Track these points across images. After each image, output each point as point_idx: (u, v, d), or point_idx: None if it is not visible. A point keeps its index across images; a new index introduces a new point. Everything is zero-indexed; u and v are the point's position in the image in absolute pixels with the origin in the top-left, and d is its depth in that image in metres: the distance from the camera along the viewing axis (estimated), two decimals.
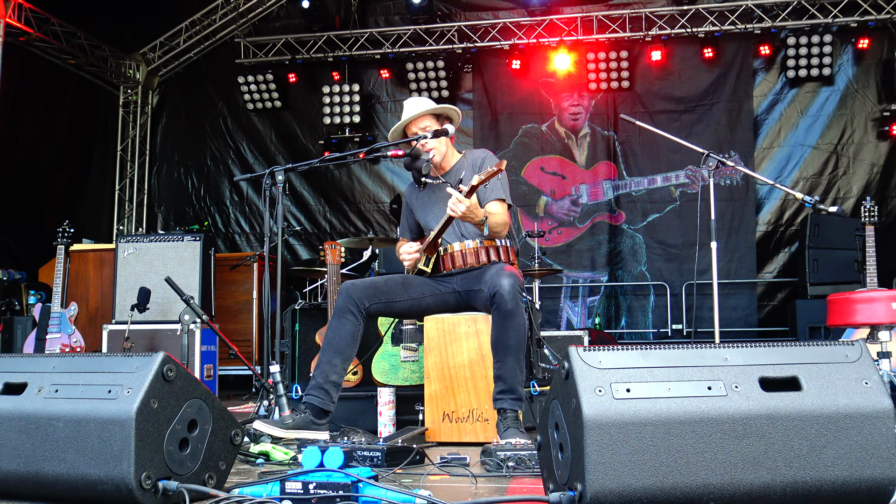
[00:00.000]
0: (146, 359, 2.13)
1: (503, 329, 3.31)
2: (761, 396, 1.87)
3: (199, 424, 2.18)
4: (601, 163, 8.94)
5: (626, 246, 8.82)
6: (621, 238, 8.84)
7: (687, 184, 8.70)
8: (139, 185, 9.84)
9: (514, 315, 3.29)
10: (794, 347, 1.98)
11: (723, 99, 8.64)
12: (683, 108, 8.74)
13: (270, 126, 9.61)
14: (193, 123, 9.83)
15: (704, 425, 1.82)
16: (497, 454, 2.68)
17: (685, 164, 8.67)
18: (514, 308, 3.28)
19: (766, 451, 1.82)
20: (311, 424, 3.34)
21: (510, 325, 3.30)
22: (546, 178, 9.05)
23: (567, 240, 8.94)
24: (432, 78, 9.03)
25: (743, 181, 8.53)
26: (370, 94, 9.44)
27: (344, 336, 3.47)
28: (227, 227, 9.58)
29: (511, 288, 3.28)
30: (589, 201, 8.93)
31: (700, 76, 8.71)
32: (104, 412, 2.04)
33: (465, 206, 3.27)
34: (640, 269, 8.75)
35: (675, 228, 8.69)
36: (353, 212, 9.38)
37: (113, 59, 9.37)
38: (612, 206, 8.85)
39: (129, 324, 5.81)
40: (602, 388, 1.85)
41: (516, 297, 3.30)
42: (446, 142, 3.77)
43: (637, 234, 8.79)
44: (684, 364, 1.93)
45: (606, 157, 8.92)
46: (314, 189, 9.46)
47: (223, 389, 6.93)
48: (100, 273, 7.11)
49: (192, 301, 4.90)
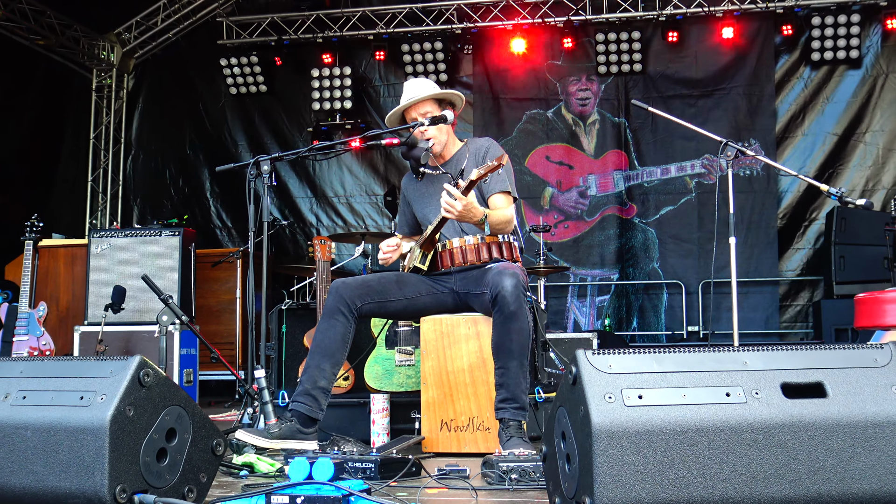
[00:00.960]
0: (121, 363, 2.12)
1: (505, 332, 3.31)
2: (783, 403, 1.87)
3: (178, 433, 2.18)
4: (611, 151, 8.94)
5: (637, 241, 8.81)
6: (632, 232, 8.84)
7: (703, 174, 8.70)
8: (114, 175, 9.82)
9: (517, 317, 3.29)
10: (818, 351, 1.98)
11: (742, 83, 8.63)
12: (700, 93, 8.73)
13: (255, 112, 9.60)
14: (172, 109, 9.81)
15: (722, 435, 1.82)
16: (499, 466, 2.68)
17: (701, 153, 8.67)
18: (516, 310, 3.28)
19: (789, 462, 1.82)
20: (298, 434, 3.34)
21: (513, 328, 3.30)
22: (552, 168, 9.04)
23: (574, 234, 8.94)
24: (429, 60, 9.02)
25: (763, 171, 8.52)
26: (362, 77, 9.42)
27: (334, 338, 3.47)
28: (209, 221, 9.57)
29: (514, 288, 3.28)
30: (598, 193, 8.92)
31: (718, 58, 8.70)
32: (76, 420, 2.03)
33: (461, 205, 3.27)
34: (653, 266, 8.75)
35: (691, 222, 8.69)
36: (342, 204, 9.37)
37: (85, 39, 9.35)
38: (623, 198, 8.85)
39: (103, 325, 5.81)
40: (612, 394, 1.85)
41: (519, 298, 3.29)
42: (447, 129, 3.76)
43: (649, 229, 8.79)
44: (701, 369, 1.93)
45: (617, 146, 8.92)
46: (301, 180, 9.46)
47: (204, 396, 6.93)
48: (71, 270, 7.11)
49: (170, 301, 4.90)
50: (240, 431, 3.28)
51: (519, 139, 9.08)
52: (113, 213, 9.79)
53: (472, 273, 3.60)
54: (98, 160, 9.78)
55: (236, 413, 4.88)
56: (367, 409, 3.87)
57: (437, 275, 3.70)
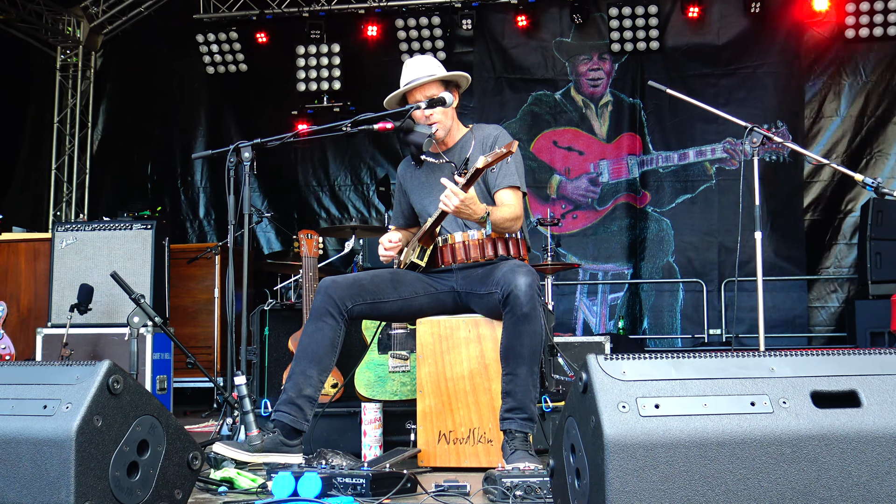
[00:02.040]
0: (88, 368, 2.12)
1: (517, 335, 3.31)
2: (814, 414, 1.87)
3: (150, 446, 2.18)
4: (625, 135, 8.93)
5: (650, 232, 8.79)
6: (646, 223, 8.82)
7: (725, 159, 8.70)
8: (80, 163, 9.81)
9: (531, 319, 3.29)
10: (852, 356, 1.98)
11: (769, 61, 8.62)
12: (722, 72, 8.72)
13: (235, 93, 9.59)
14: (144, 91, 9.80)
15: (746, 448, 1.82)
16: (502, 482, 2.68)
17: (723, 136, 8.66)
18: (530, 311, 3.28)
19: (819, 478, 1.83)
20: (282, 446, 3.34)
21: (525, 330, 3.30)
22: (559, 154, 9.04)
23: (584, 225, 8.94)
24: (426, 37, 9.01)
25: (791, 157, 8.52)
26: (353, 55, 9.40)
27: (321, 342, 3.46)
28: (184, 214, 9.57)
29: (528, 287, 3.29)
30: (610, 180, 8.92)
31: (742, 34, 8.69)
32: (39, 431, 2.03)
33: (458, 201, 3.28)
34: (667, 261, 8.75)
35: (710, 212, 8.67)
36: (327, 195, 9.37)
37: (49, 13, 9.33)
38: (637, 186, 8.85)
39: (68, 327, 5.80)
40: (626, 403, 1.85)
41: (534, 298, 3.30)
42: (452, 114, 3.75)
43: (664, 219, 8.78)
44: (723, 375, 1.93)
45: (631, 129, 8.92)
46: (282, 168, 9.44)
47: (179, 405, 6.93)
48: (33, 267, 7.10)
49: (142, 300, 4.90)
50: (218, 444, 3.28)
51: (523, 123, 9.08)
52: (79, 204, 9.78)
53: (475, 271, 3.60)
54: (63, 146, 9.76)
55: (214, 424, 4.88)
56: (358, 420, 3.87)
57: (437, 272, 3.69)
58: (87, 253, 6.29)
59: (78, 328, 5.92)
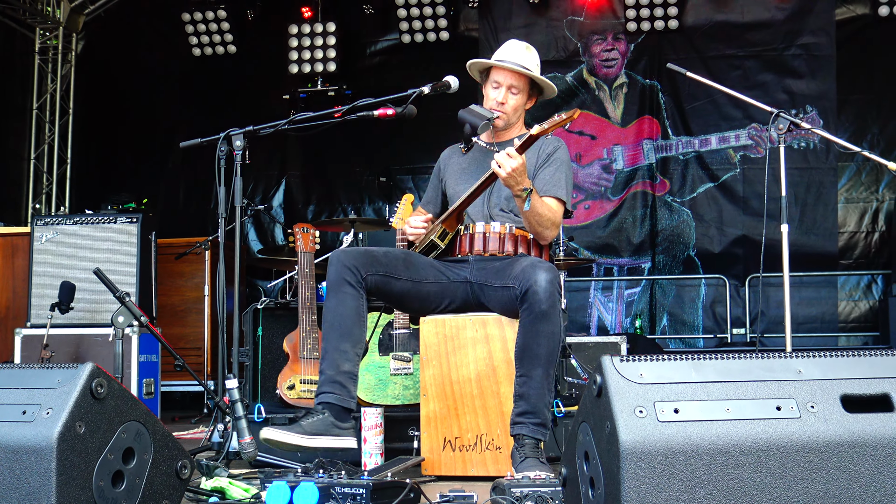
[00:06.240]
0: (70, 371, 2.13)
1: (534, 335, 3.33)
2: (844, 419, 1.87)
3: (136, 454, 2.18)
4: (642, 118, 8.91)
5: (669, 224, 8.77)
6: (663, 213, 8.80)
7: (750, 146, 8.67)
8: (60, 153, 9.81)
9: (549, 318, 3.31)
10: (885, 357, 1.98)
11: (797, 40, 8.58)
12: (747, 53, 8.69)
13: (223, 76, 9.58)
14: (128, 75, 9.79)
15: (772, 455, 1.83)
16: (512, 491, 2.69)
17: (748, 122, 8.65)
18: (548, 309, 3.31)
19: (849, 486, 1.83)
20: (334, 428, 3.34)
21: (543, 330, 3.32)
22: (571, 139, 9.00)
23: (597, 216, 8.92)
24: (428, 15, 8.98)
25: (822, 143, 8.49)
26: (350, 35, 9.39)
27: (346, 314, 3.47)
28: (172, 206, 9.58)
29: (549, 284, 3.32)
30: (626, 167, 8.89)
31: (768, 12, 8.65)
32: (17, 438, 2.04)
33: (516, 162, 3.38)
34: (688, 255, 8.73)
35: (734, 202, 8.65)
36: (322, 186, 9.37)
37: None
38: (654, 172, 8.82)
39: (49, 327, 5.81)
40: (643, 408, 1.85)
41: (554, 296, 3.33)
42: (522, 114, 3.94)
43: (684, 209, 8.76)
44: (747, 378, 1.93)
45: (648, 112, 8.89)
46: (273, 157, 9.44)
47: (167, 410, 6.95)
48: (11, 264, 7.11)
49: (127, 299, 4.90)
50: (266, 429, 3.26)
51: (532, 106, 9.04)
52: (60, 196, 9.79)
53: (492, 264, 3.63)
54: (42, 135, 9.76)
55: (204, 430, 4.90)
56: (358, 426, 3.88)
57: (452, 261, 3.73)
58: (68, 248, 6.30)
59: (59, 328, 5.93)
